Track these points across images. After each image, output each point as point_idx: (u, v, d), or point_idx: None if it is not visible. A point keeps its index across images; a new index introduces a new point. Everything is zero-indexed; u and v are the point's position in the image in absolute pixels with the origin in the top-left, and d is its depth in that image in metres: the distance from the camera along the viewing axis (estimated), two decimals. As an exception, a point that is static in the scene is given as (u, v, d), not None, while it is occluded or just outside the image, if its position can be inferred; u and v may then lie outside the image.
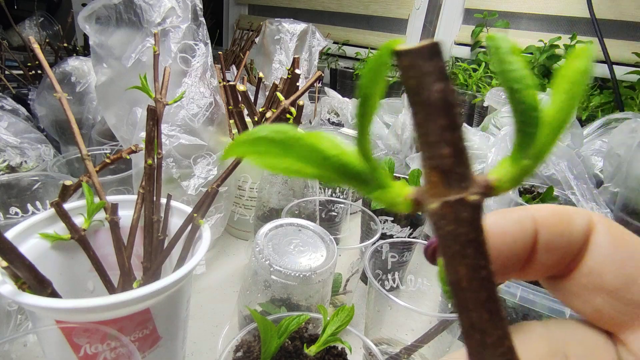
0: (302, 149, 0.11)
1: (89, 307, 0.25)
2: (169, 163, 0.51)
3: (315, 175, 0.11)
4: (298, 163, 0.11)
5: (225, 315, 0.51)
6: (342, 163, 0.11)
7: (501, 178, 0.11)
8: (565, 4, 1.27)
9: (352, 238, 0.66)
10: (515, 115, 0.11)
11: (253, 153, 0.11)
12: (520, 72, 0.10)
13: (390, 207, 0.12)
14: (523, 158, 0.11)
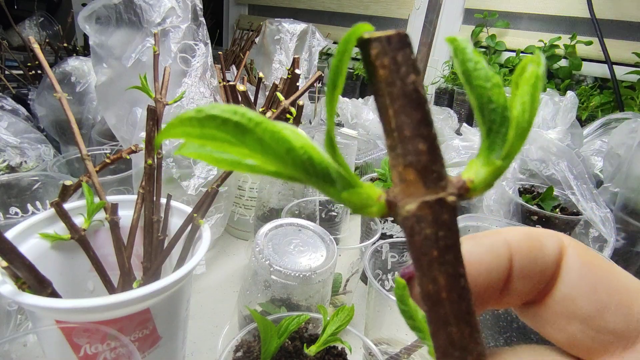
0: (263, 135, 0.09)
1: (89, 307, 0.25)
2: (169, 163, 0.51)
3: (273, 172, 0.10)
4: (255, 155, 0.09)
5: (225, 315, 0.51)
6: (308, 157, 0.10)
7: (474, 179, 0.10)
8: (565, 4, 1.27)
9: (352, 238, 0.66)
10: (484, 115, 0.10)
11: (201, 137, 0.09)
12: (486, 71, 0.10)
13: (360, 210, 0.10)
14: (495, 158, 0.10)
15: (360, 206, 0.10)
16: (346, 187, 0.10)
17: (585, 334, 0.12)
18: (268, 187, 0.57)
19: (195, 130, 0.09)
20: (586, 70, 1.25)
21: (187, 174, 0.53)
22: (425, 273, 0.10)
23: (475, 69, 0.10)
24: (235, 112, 0.09)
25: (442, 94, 1.40)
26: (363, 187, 0.10)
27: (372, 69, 0.10)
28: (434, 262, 0.10)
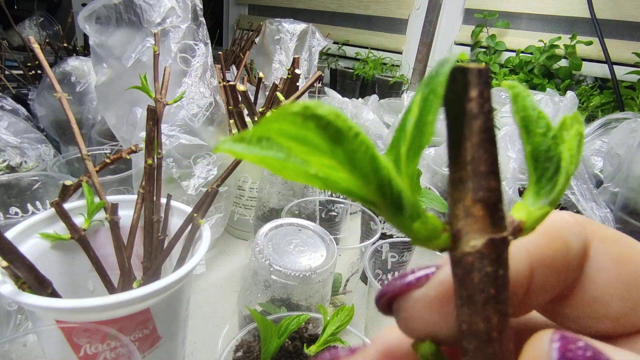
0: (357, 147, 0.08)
1: (89, 307, 0.25)
2: (169, 163, 0.51)
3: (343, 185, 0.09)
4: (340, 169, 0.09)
5: (225, 315, 0.51)
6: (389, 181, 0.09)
7: (527, 221, 0.10)
8: (565, 4, 1.27)
9: (352, 238, 0.66)
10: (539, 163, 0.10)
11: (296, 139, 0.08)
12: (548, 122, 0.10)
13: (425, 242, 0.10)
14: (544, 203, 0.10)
15: (425, 238, 0.10)
16: (414, 217, 0.10)
17: (616, 330, 0.11)
18: (268, 187, 0.57)
19: (295, 130, 0.08)
20: (586, 70, 1.25)
21: (187, 174, 0.53)
22: (479, 311, 0.10)
23: (539, 118, 0.10)
24: (337, 116, 0.08)
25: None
26: (429, 218, 0.10)
27: (457, 98, 0.09)
28: (490, 300, 0.10)
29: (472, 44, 1.46)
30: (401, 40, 1.66)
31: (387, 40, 1.70)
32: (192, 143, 0.53)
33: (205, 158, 0.55)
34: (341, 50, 1.81)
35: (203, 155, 0.54)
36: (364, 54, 1.68)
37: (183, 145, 0.52)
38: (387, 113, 1.04)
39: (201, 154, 0.54)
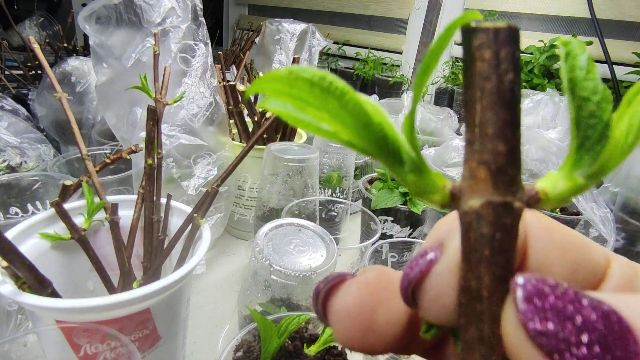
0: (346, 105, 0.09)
1: (89, 307, 0.25)
2: (169, 163, 0.51)
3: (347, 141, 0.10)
4: (333, 122, 0.10)
5: (225, 315, 0.51)
6: (383, 135, 0.10)
7: (549, 192, 0.10)
8: (565, 4, 1.27)
9: (352, 238, 0.66)
10: (580, 129, 0.09)
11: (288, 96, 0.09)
12: (596, 83, 0.09)
13: (422, 194, 0.11)
14: (579, 176, 0.10)
15: (423, 191, 0.11)
16: (414, 170, 0.10)
17: None
18: (268, 187, 0.57)
19: (284, 88, 0.09)
20: (586, 70, 1.25)
21: (187, 174, 0.53)
22: (473, 269, 0.10)
23: (585, 79, 0.09)
24: (324, 78, 0.09)
25: (442, 94, 1.40)
26: (430, 173, 0.10)
27: (470, 60, 0.09)
28: (483, 260, 0.10)
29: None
30: (401, 40, 1.66)
31: (387, 40, 1.70)
32: (192, 143, 0.53)
33: (205, 158, 0.55)
34: (341, 50, 1.81)
35: (203, 155, 0.54)
36: (364, 54, 1.68)
37: (183, 145, 0.52)
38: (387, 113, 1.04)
39: (201, 154, 0.54)
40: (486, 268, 0.10)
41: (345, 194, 0.71)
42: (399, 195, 0.57)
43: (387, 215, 0.58)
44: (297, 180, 0.55)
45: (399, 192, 0.58)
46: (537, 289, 0.09)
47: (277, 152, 0.54)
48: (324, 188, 0.69)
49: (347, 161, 0.69)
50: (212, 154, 0.55)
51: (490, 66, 0.09)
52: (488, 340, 0.10)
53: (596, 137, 0.09)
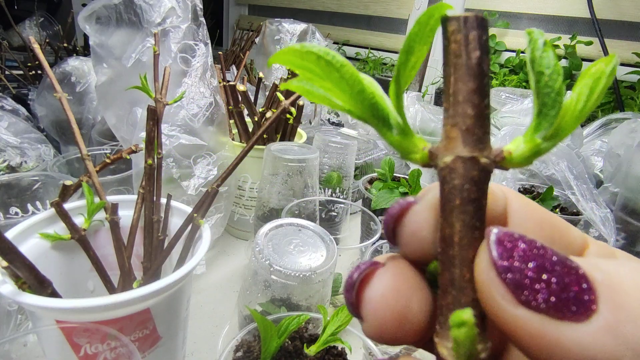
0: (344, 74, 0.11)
1: (89, 307, 0.25)
2: (169, 163, 0.51)
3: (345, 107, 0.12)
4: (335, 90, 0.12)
5: (225, 315, 0.51)
6: (375, 102, 0.12)
7: (513, 152, 0.11)
8: (565, 4, 1.27)
9: (352, 238, 0.66)
10: (538, 97, 0.11)
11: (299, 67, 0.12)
12: (552, 60, 0.11)
13: (406, 154, 0.12)
14: (538, 137, 0.11)
15: (407, 151, 0.12)
16: (400, 133, 0.12)
17: None
18: (268, 187, 0.57)
19: (297, 60, 0.12)
20: (586, 70, 1.25)
21: (187, 174, 0.53)
22: (447, 218, 0.11)
23: (541, 57, 0.11)
24: (327, 52, 0.11)
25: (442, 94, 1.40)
26: (414, 137, 0.12)
27: (447, 42, 0.11)
28: (454, 209, 0.11)
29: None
30: (401, 40, 1.65)
31: (387, 40, 1.70)
32: (192, 143, 0.53)
33: (205, 158, 0.55)
34: (341, 50, 1.81)
35: (203, 155, 0.54)
36: (364, 54, 1.68)
37: (183, 145, 0.52)
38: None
39: (201, 154, 0.54)
40: (457, 216, 0.11)
41: (345, 194, 0.71)
42: (399, 195, 0.57)
43: (387, 215, 0.58)
44: (297, 180, 0.55)
45: (399, 192, 0.58)
46: (508, 235, 0.10)
47: (277, 152, 0.54)
48: (324, 188, 0.69)
49: (347, 161, 0.69)
50: (212, 154, 0.55)
51: (460, 46, 0.11)
52: (458, 283, 0.11)
53: (550, 104, 0.11)
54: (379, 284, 0.13)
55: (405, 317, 0.12)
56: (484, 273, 0.10)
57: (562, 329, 0.09)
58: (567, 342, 0.09)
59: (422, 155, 0.12)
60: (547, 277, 0.10)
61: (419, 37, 0.11)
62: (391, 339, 0.13)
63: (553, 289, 0.10)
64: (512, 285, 0.10)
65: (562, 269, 0.10)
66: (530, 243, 0.10)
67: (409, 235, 0.13)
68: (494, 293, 0.10)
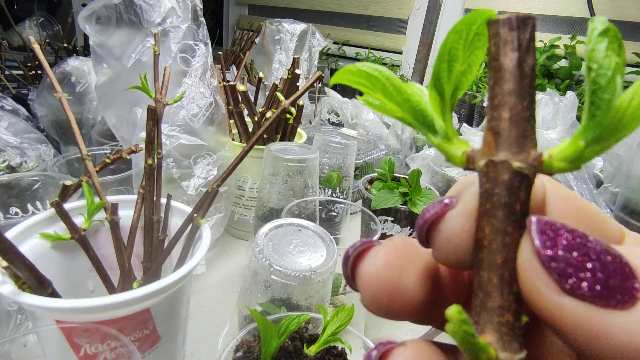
0: (389, 87, 0.13)
1: (89, 307, 0.25)
2: (169, 163, 0.51)
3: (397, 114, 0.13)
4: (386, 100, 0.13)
5: (225, 315, 0.51)
6: (420, 109, 0.13)
7: (554, 155, 0.11)
8: (565, 4, 1.27)
9: (352, 238, 0.66)
10: (589, 97, 0.10)
11: (354, 83, 0.13)
12: (603, 53, 0.10)
13: (449, 157, 0.13)
14: (582, 141, 0.11)
15: (449, 155, 0.13)
16: (444, 137, 0.13)
17: None
18: (268, 187, 0.57)
19: (352, 78, 0.13)
20: (586, 70, 1.25)
21: (187, 174, 0.53)
22: (479, 222, 0.11)
23: (592, 50, 0.10)
24: (376, 69, 0.13)
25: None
26: (457, 142, 0.13)
27: (489, 46, 0.11)
28: (485, 213, 0.11)
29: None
30: (401, 40, 1.65)
31: (387, 40, 1.70)
32: (192, 143, 0.53)
33: (205, 158, 0.55)
34: (341, 50, 1.81)
35: (203, 155, 0.54)
36: (364, 54, 1.69)
37: (183, 145, 0.52)
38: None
39: (201, 154, 0.54)
40: (487, 220, 0.11)
41: (345, 194, 0.71)
42: (399, 195, 0.57)
43: (387, 215, 0.58)
44: (297, 180, 0.55)
45: (399, 192, 0.58)
46: (550, 225, 0.10)
47: (277, 152, 0.54)
48: (324, 188, 0.69)
49: (347, 161, 0.69)
50: (212, 154, 0.55)
51: (498, 48, 0.11)
52: (485, 287, 0.11)
53: (597, 102, 0.10)
54: (372, 259, 0.13)
55: (397, 291, 0.13)
56: (526, 262, 0.10)
57: (608, 317, 0.09)
58: (613, 329, 0.09)
59: (461, 158, 0.12)
60: (592, 266, 0.10)
61: (461, 44, 0.11)
62: (386, 311, 0.13)
63: (598, 277, 0.10)
64: (556, 274, 0.10)
65: (605, 257, 0.10)
66: (573, 232, 0.10)
67: (444, 241, 0.13)
68: (538, 282, 0.10)
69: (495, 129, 0.11)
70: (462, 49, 0.11)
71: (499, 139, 0.11)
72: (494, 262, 0.11)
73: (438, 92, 0.12)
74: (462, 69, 0.12)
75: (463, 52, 0.11)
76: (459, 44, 0.11)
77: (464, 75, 0.12)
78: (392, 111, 0.13)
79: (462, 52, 0.11)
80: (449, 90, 0.12)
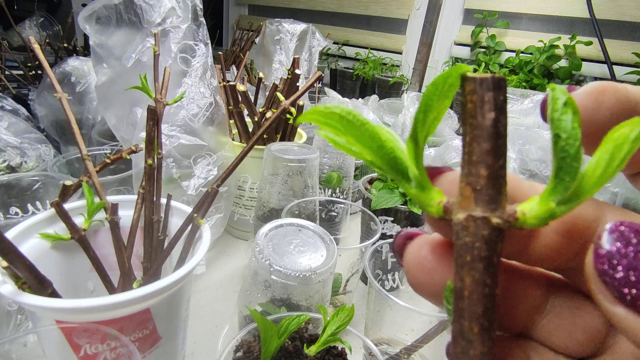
0: (363, 132, 0.12)
1: (89, 307, 0.25)
2: (169, 163, 0.51)
3: (368, 160, 0.13)
4: (357, 144, 0.13)
5: (225, 315, 0.51)
6: (394, 156, 0.13)
7: (527, 213, 0.12)
8: (565, 4, 1.27)
9: (352, 238, 0.66)
10: (555, 162, 0.11)
11: (324, 124, 0.13)
12: (571, 124, 0.11)
13: (423, 206, 0.13)
14: (553, 201, 0.11)
15: (424, 204, 0.13)
16: (418, 186, 0.13)
17: None
18: (268, 187, 0.57)
19: (321, 119, 0.13)
20: (586, 71, 1.25)
21: (187, 174, 0.53)
22: (458, 272, 0.12)
23: (559, 120, 0.11)
24: (349, 113, 0.12)
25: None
26: (431, 191, 0.13)
27: (464, 101, 0.12)
28: (465, 265, 0.12)
29: (472, 44, 1.46)
30: (401, 40, 1.66)
31: (387, 41, 1.70)
32: (192, 143, 0.53)
33: (205, 158, 0.55)
34: (341, 51, 1.81)
35: (203, 155, 0.54)
36: (364, 54, 1.68)
37: (183, 145, 0.52)
38: (387, 113, 1.04)
39: (201, 154, 0.54)
40: (467, 271, 0.11)
41: (345, 194, 0.71)
42: (399, 195, 0.57)
43: (387, 216, 0.58)
44: (297, 180, 0.55)
45: (399, 192, 0.58)
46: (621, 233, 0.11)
47: (277, 152, 0.54)
48: (324, 188, 0.69)
49: (347, 161, 0.69)
50: (212, 154, 0.55)
51: (476, 106, 0.11)
52: (467, 336, 0.11)
53: (566, 169, 0.11)
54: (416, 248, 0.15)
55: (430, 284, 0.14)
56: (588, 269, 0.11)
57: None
58: None
59: (437, 209, 0.13)
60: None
61: (436, 95, 0.12)
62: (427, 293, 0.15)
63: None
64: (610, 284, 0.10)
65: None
66: None
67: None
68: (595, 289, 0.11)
69: (473, 185, 0.11)
70: (435, 100, 0.12)
71: (478, 195, 0.11)
72: (475, 312, 0.11)
73: (414, 141, 0.13)
74: (433, 116, 0.12)
75: (436, 102, 0.12)
76: (435, 95, 0.12)
77: (434, 122, 0.12)
78: (360, 155, 0.13)
79: (436, 103, 0.12)
80: (422, 137, 0.12)
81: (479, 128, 0.11)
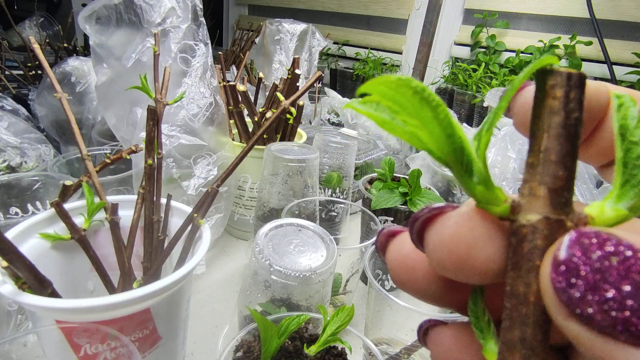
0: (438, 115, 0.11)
1: (89, 307, 0.25)
2: (169, 163, 0.51)
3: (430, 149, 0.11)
4: (422, 130, 0.11)
5: (225, 315, 0.51)
6: (462, 146, 0.11)
7: (597, 218, 0.11)
8: (565, 4, 1.27)
9: (352, 238, 0.66)
10: (627, 168, 0.11)
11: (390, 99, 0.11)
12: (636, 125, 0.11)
13: (486, 204, 0.12)
14: (623, 207, 0.11)
15: (488, 202, 0.12)
16: (481, 183, 0.12)
17: None
18: (268, 187, 0.57)
19: (390, 91, 0.11)
20: (586, 71, 1.25)
21: (187, 174, 0.53)
22: (523, 276, 0.11)
23: (636, 127, 0.11)
24: (424, 89, 0.11)
25: (442, 94, 1.40)
26: (495, 188, 0.12)
27: (542, 96, 0.11)
28: (534, 269, 0.11)
29: (472, 44, 1.46)
30: (401, 40, 1.66)
31: (387, 41, 1.70)
32: (192, 143, 0.53)
33: (205, 158, 0.55)
34: (341, 51, 1.81)
35: (203, 155, 0.54)
36: (364, 54, 1.68)
37: (183, 145, 0.52)
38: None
39: (201, 154, 0.54)
40: (536, 277, 0.11)
41: (345, 194, 0.71)
42: (399, 195, 0.57)
43: (387, 215, 0.58)
44: (297, 180, 0.55)
45: (399, 192, 0.58)
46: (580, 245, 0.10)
47: (277, 152, 0.54)
48: (324, 188, 0.69)
49: (347, 161, 0.69)
50: (212, 154, 0.55)
51: (560, 103, 0.11)
52: (530, 342, 0.11)
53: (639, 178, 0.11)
54: (440, 228, 0.13)
55: (466, 262, 0.12)
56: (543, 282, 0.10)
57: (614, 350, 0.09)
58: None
59: (504, 208, 0.12)
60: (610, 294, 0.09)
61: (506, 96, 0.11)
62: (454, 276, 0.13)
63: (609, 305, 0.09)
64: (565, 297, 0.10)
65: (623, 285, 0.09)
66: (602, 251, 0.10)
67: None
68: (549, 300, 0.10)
69: (550, 185, 0.11)
70: None
71: (554, 196, 0.11)
72: (541, 319, 0.11)
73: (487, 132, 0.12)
74: None
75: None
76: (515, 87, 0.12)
77: None
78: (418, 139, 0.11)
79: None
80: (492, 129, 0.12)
81: (562, 127, 0.11)
